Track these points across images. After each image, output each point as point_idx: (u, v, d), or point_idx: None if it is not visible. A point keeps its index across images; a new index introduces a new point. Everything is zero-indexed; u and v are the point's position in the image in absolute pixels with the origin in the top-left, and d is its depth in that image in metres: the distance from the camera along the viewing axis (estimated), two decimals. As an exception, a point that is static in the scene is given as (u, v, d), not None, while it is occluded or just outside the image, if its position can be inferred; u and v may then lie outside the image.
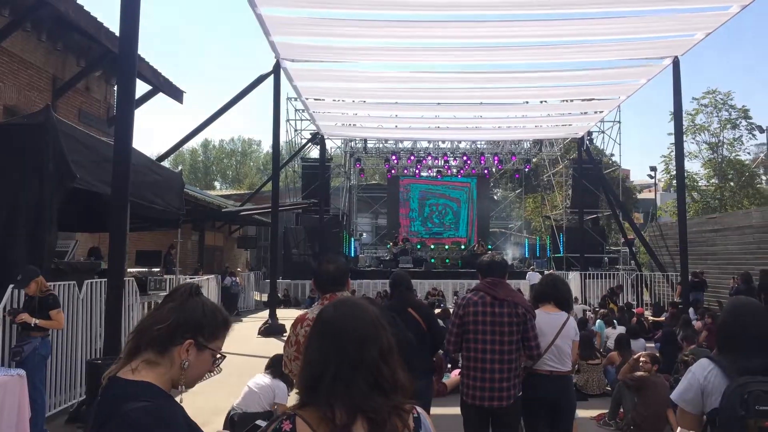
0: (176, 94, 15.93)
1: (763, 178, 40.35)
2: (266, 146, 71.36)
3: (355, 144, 27.86)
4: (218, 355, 1.80)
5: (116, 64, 9.68)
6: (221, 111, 15.39)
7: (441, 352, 6.27)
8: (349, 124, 22.86)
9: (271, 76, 14.58)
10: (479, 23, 12.32)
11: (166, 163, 16.34)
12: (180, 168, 23.10)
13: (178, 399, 1.74)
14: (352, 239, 28.55)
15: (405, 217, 30.40)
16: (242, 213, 21.54)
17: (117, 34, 7.24)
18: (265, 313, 15.95)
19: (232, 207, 22.44)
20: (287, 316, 13.68)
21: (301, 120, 24.84)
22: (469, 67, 15.49)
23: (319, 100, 18.67)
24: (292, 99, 23.54)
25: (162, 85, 15.13)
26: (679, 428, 2.85)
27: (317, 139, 23.88)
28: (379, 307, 1.76)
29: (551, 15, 12.27)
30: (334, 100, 18.83)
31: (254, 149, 75.65)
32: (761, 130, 34.28)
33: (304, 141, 25.12)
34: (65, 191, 6.89)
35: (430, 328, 4.90)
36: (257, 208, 22.17)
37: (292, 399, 5.43)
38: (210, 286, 15.66)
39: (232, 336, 2.00)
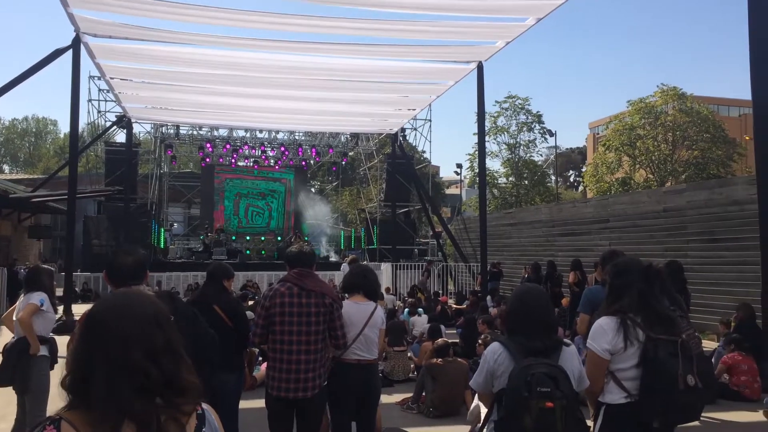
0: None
1: (552, 177, 45.05)
2: (65, 127, 65.71)
3: (167, 129, 26.29)
4: None
5: None
6: (9, 86, 13.76)
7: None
8: (160, 108, 21.50)
9: (70, 51, 13.33)
10: (297, 16, 12.27)
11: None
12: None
13: None
14: (162, 230, 27.09)
15: (220, 213, 29.52)
16: (34, 199, 19.52)
17: None
18: (60, 309, 14.57)
19: (22, 192, 20.24)
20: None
21: (106, 101, 22.83)
22: (288, 56, 15.33)
23: (126, 80, 17.39)
24: (95, 78, 21.70)
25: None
26: (481, 406, 3.05)
27: (123, 122, 22.25)
28: (169, 302, 1.63)
29: (368, 12, 12.60)
30: (144, 82, 17.64)
31: (51, 130, 69.31)
32: (551, 134, 38.15)
33: (108, 124, 23.27)
34: None
35: (236, 324, 4.75)
36: (52, 194, 20.27)
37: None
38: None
39: None
